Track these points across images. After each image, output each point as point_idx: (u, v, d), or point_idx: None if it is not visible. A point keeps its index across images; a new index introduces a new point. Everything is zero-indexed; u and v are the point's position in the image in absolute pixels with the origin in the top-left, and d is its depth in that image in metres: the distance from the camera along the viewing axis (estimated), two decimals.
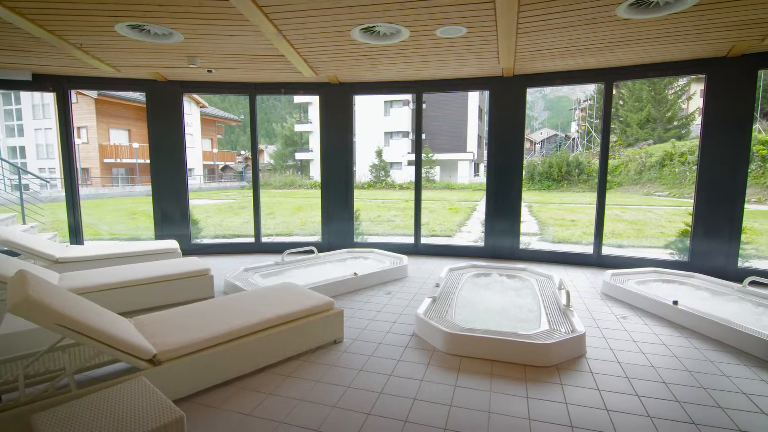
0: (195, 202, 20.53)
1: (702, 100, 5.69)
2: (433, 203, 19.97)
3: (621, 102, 32.17)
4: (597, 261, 6.53)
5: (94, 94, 26.90)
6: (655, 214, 15.81)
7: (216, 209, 19.10)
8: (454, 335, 3.42)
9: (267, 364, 3.18)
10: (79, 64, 5.87)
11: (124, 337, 2.51)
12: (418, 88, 6.91)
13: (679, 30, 4.47)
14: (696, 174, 5.82)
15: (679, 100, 30.89)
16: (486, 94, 8.07)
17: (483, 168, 39.29)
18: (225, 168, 41.39)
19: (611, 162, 24.81)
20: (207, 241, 9.54)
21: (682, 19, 4.17)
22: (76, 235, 7.08)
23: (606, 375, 3.10)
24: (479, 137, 37.39)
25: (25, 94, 31.23)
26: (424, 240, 8.03)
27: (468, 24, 4.34)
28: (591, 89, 40.45)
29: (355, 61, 5.70)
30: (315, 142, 39.53)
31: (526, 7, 3.94)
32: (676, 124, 30.39)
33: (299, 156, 41.91)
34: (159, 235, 7.24)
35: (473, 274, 5.58)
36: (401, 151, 35.19)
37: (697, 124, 28.92)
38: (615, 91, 31.88)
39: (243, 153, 46.19)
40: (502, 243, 6.92)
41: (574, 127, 49.01)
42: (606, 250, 6.59)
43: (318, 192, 7.86)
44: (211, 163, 38.36)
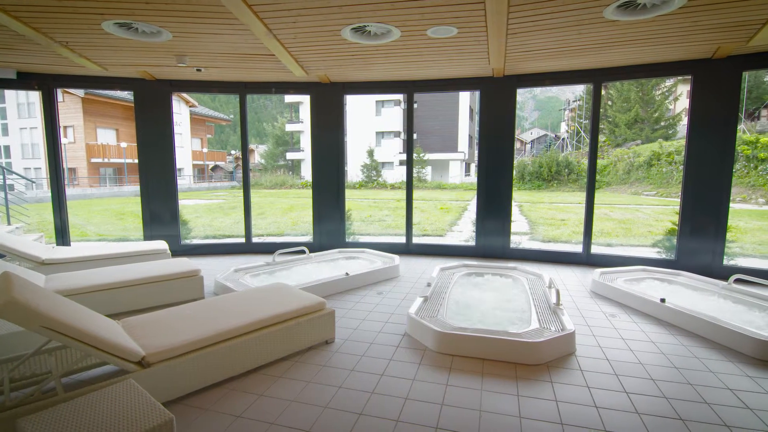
0: (185, 203, 20.33)
1: (688, 100, 5.78)
2: (424, 203, 20.02)
3: (609, 102, 32.55)
4: (586, 260, 6.60)
5: (80, 92, 26.46)
6: (643, 213, 16.03)
7: (206, 209, 18.93)
8: (446, 334, 3.44)
9: (258, 365, 3.16)
10: (66, 62, 5.77)
11: (112, 339, 2.48)
12: (409, 88, 6.92)
13: (665, 32, 4.54)
14: (683, 173, 5.92)
15: (666, 101, 31.35)
16: (477, 94, 8.12)
17: (474, 168, 39.48)
18: (215, 168, 41.04)
19: (600, 162, 25.11)
20: (197, 241, 9.45)
21: (668, 20, 4.23)
22: (62, 236, 6.97)
23: (595, 372, 3.14)
24: (470, 137, 37.57)
25: (9, 93, 30.62)
26: (416, 240, 8.05)
27: (458, 24, 4.35)
28: (580, 90, 40.87)
29: (346, 60, 5.70)
30: (306, 141, 39.41)
31: (516, 8, 3.97)
32: (663, 124, 30.83)
33: (290, 156, 41.70)
34: (148, 236, 7.16)
35: (464, 273, 5.61)
36: (393, 150, 35.22)
37: (683, 125, 29.40)
38: (603, 92, 32.26)
39: (233, 153, 45.83)
40: (493, 242, 6.96)
41: (564, 127, 49.46)
42: (595, 249, 6.66)
43: (309, 192, 7.84)
44: (201, 162, 37.99)
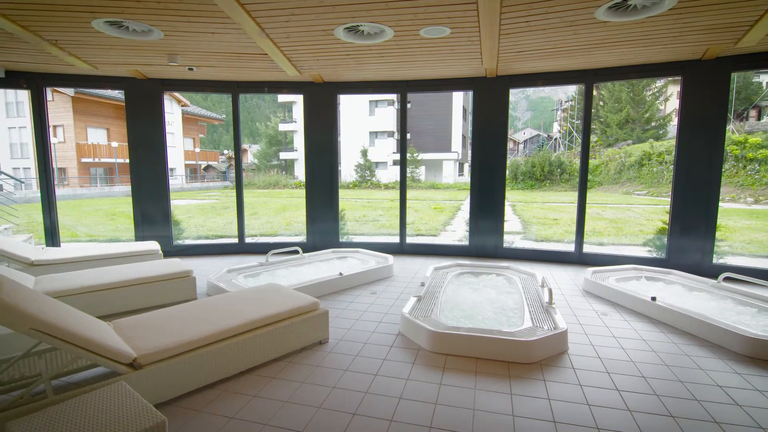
0: (177, 203, 20.17)
1: (678, 101, 5.85)
2: (418, 203, 20.05)
3: (601, 103, 32.83)
4: (578, 259, 6.65)
5: (70, 91, 26.14)
6: (634, 213, 16.19)
7: (198, 209, 18.80)
8: (439, 334, 3.45)
9: (251, 366, 3.15)
10: (55, 60, 5.70)
11: (103, 340, 2.46)
12: (402, 88, 6.92)
13: (656, 33, 4.59)
14: (673, 173, 5.98)
15: (657, 102, 31.70)
16: (470, 94, 8.15)
17: (467, 168, 39.60)
18: (208, 168, 40.75)
19: (592, 162, 25.31)
20: (189, 242, 9.38)
21: (658, 22, 4.27)
22: (52, 236, 6.88)
23: (587, 370, 3.16)
24: (463, 137, 37.66)
25: None
26: (410, 239, 8.06)
27: (451, 25, 4.37)
28: (572, 90, 41.18)
29: (340, 60, 5.69)
30: (299, 141, 39.27)
31: (509, 9, 3.99)
32: (653, 124, 31.18)
33: (283, 155, 41.52)
34: (139, 237, 7.09)
35: (458, 272, 5.63)
36: (386, 150, 35.21)
37: (673, 125, 29.73)
38: (595, 93, 32.53)
39: (226, 152, 45.55)
40: (486, 242, 6.99)
41: (556, 127, 49.79)
42: (587, 248, 6.71)
43: (303, 192, 7.82)
44: (194, 162, 37.69)
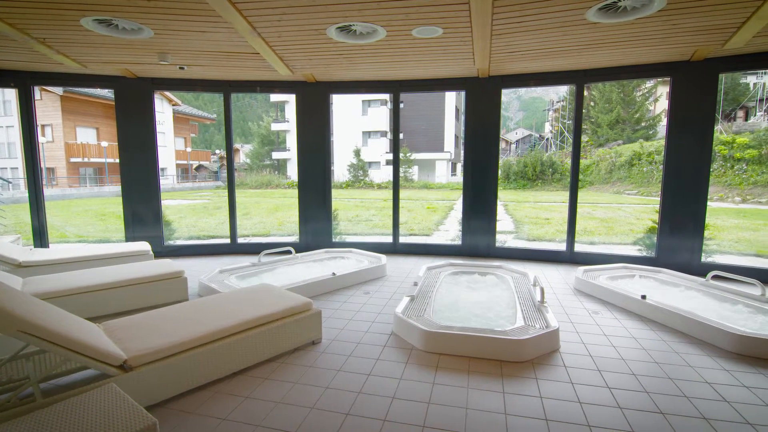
0: (168, 203, 19.99)
1: (668, 101, 5.92)
2: (411, 202, 20.07)
3: (592, 103, 33.12)
4: (570, 258, 6.70)
5: (59, 90, 25.79)
6: (625, 212, 16.36)
7: (190, 210, 18.65)
8: (432, 333, 3.45)
9: (243, 367, 3.13)
10: (43, 59, 5.62)
11: (93, 342, 2.43)
12: (395, 88, 6.93)
13: (645, 34, 4.64)
14: (662, 173, 6.05)
15: (647, 102, 32.06)
16: (462, 94, 8.18)
17: (460, 167, 39.72)
18: (199, 167, 40.43)
19: (583, 161, 25.53)
20: (180, 242, 9.30)
21: (648, 23, 4.32)
22: (40, 237, 6.79)
23: (579, 368, 3.19)
24: (456, 137, 37.78)
25: None
26: (403, 239, 8.07)
27: (444, 25, 4.38)
28: (563, 91, 41.51)
29: (332, 59, 5.67)
30: (292, 141, 39.11)
31: (500, 9, 4.01)
32: (643, 125, 31.53)
33: (276, 155, 41.34)
34: (130, 237, 7.02)
35: (451, 272, 5.64)
36: (379, 150, 35.20)
37: (663, 125, 30.09)
38: (586, 93, 32.81)
39: (218, 152, 45.22)
40: (478, 241, 7.02)
41: (548, 127, 50.10)
42: (578, 247, 6.77)
43: (295, 192, 7.79)
44: (185, 162, 37.37)
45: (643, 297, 4.37)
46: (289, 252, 6.51)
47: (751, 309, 4.24)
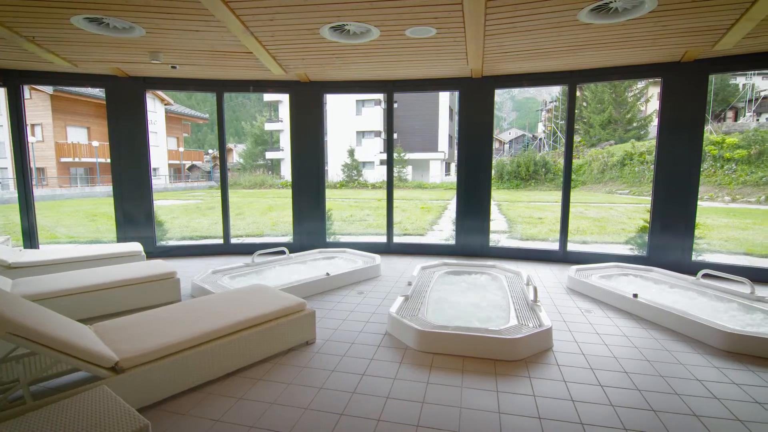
0: (160, 203, 19.82)
1: (659, 102, 5.98)
2: (405, 202, 20.09)
3: (584, 104, 33.36)
4: (562, 257, 6.75)
5: (49, 89, 25.48)
6: (617, 212, 16.50)
7: (183, 210, 18.52)
8: (426, 333, 3.46)
9: (237, 368, 3.12)
10: (33, 57, 5.55)
11: (84, 344, 2.40)
12: (389, 88, 6.93)
13: (637, 35, 4.68)
14: (653, 173, 6.11)
15: (638, 103, 32.35)
16: (456, 94, 8.21)
17: (454, 167, 39.83)
18: (192, 167, 40.13)
19: (575, 161, 25.73)
20: (173, 243, 9.23)
21: (639, 25, 4.36)
22: (30, 238, 6.70)
23: (571, 367, 3.21)
24: (450, 137, 37.89)
25: None
26: (397, 239, 8.08)
27: (437, 25, 4.39)
28: (556, 91, 41.77)
29: (326, 59, 5.66)
30: (286, 141, 38.98)
31: (493, 10, 4.03)
32: (635, 125, 31.81)
33: (269, 155, 41.15)
34: (121, 238, 6.95)
35: (445, 272, 5.66)
36: (373, 150, 35.19)
37: (654, 126, 30.37)
38: (579, 93, 33.03)
39: (211, 152, 44.93)
40: (472, 241, 7.04)
41: (541, 127, 50.37)
42: (571, 247, 6.82)
43: (289, 192, 7.76)
44: (178, 162, 37.09)
45: (635, 296, 4.41)
46: (282, 252, 6.48)
47: (740, 307, 4.30)
